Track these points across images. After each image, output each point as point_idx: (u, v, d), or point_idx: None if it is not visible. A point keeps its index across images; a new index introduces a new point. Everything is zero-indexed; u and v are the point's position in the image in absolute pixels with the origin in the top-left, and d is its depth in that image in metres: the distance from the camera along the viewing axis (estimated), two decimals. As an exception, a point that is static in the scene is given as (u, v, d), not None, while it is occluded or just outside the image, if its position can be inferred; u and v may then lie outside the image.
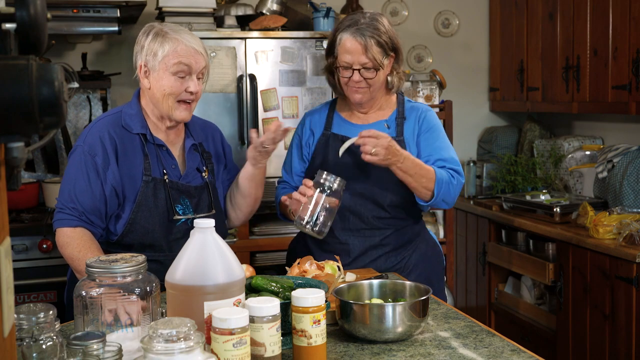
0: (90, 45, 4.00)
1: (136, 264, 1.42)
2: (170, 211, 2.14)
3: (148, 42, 2.11)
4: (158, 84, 2.10)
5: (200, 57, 2.11)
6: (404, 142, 2.32)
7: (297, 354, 1.49)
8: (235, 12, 3.69)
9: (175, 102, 2.11)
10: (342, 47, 2.24)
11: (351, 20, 2.24)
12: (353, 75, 2.24)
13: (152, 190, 2.12)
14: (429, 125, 2.34)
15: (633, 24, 3.27)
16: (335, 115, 2.42)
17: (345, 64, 2.24)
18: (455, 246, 4.37)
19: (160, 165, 2.14)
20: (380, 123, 2.36)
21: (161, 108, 2.13)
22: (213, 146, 2.33)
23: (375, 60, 2.22)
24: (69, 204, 2.07)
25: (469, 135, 4.63)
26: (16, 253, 3.20)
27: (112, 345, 1.27)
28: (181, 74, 2.09)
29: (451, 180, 2.24)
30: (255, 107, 3.58)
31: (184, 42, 2.09)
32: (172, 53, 2.07)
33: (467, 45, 4.64)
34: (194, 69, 2.10)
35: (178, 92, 2.10)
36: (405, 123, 2.35)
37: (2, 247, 0.92)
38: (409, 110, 2.38)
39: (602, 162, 3.54)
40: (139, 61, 2.13)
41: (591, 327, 3.18)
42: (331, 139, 2.37)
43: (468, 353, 1.54)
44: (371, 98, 2.32)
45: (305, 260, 2.04)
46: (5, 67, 0.88)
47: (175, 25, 2.18)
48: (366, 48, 2.20)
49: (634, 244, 2.95)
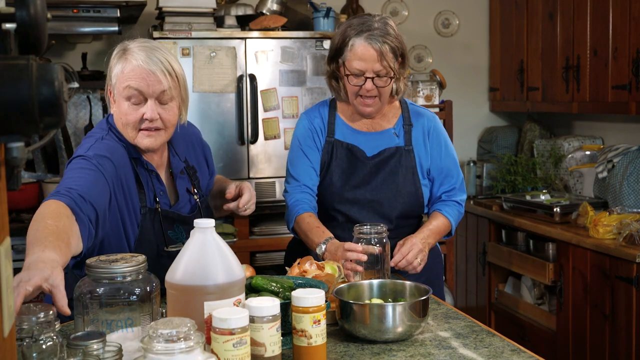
0: (90, 45, 4.00)
1: (136, 264, 1.42)
2: (161, 242, 1.95)
3: (111, 60, 1.91)
4: (117, 110, 1.90)
5: (153, 78, 1.84)
6: (413, 151, 2.27)
7: (297, 354, 1.49)
8: (235, 12, 3.69)
9: (135, 131, 1.89)
10: (354, 53, 2.12)
11: (363, 25, 2.12)
12: (365, 84, 2.14)
13: (150, 222, 1.94)
14: (438, 138, 2.30)
15: (633, 24, 3.27)
16: (337, 120, 2.31)
17: (357, 71, 2.13)
18: (455, 246, 4.37)
19: (152, 193, 1.96)
20: (388, 132, 2.28)
21: (127, 137, 1.92)
22: (194, 154, 2.16)
23: (390, 68, 2.13)
24: (64, 188, 1.72)
25: (469, 135, 4.63)
26: (16, 253, 3.20)
27: (112, 345, 1.27)
28: (134, 100, 1.87)
29: (459, 214, 2.33)
30: (255, 107, 3.58)
31: (133, 62, 1.84)
32: (120, 75, 1.86)
33: (467, 45, 4.64)
34: (146, 93, 1.85)
35: (133, 120, 1.87)
36: (413, 130, 2.28)
37: (2, 247, 0.92)
38: (414, 116, 2.31)
39: (602, 162, 3.54)
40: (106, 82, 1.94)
41: (591, 327, 3.18)
42: (335, 146, 2.27)
43: (468, 353, 1.54)
44: (380, 107, 2.24)
45: (305, 260, 2.03)
46: (5, 67, 0.88)
47: (145, 43, 1.91)
48: (382, 55, 2.10)
49: (634, 244, 2.95)
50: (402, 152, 2.26)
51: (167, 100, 1.88)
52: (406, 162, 2.25)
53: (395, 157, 2.25)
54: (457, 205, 2.32)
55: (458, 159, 2.39)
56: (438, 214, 2.27)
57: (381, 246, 1.96)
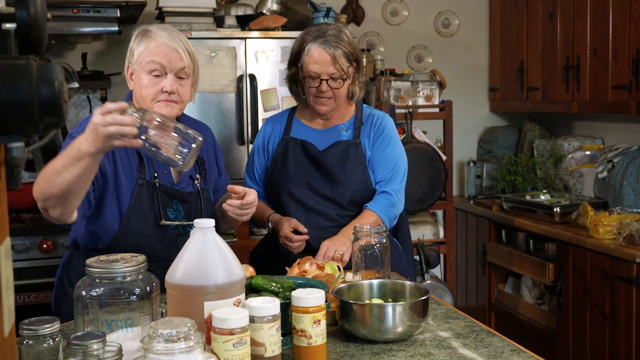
0: (90, 45, 4.00)
1: (136, 264, 1.42)
2: (158, 217, 2.06)
3: (131, 42, 2.08)
4: (137, 84, 2.06)
5: (176, 55, 2.03)
6: (360, 144, 2.41)
7: (297, 354, 1.49)
8: (235, 12, 3.69)
9: (154, 102, 2.04)
10: (310, 57, 2.30)
11: (318, 32, 2.32)
12: (320, 85, 2.31)
13: (145, 194, 2.05)
14: (383, 132, 2.44)
15: (633, 24, 3.27)
16: (295, 121, 2.49)
17: (313, 74, 2.31)
18: (455, 246, 4.37)
19: (152, 169, 2.08)
20: (337, 127, 2.44)
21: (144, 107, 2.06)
22: (205, 149, 2.26)
23: (343, 71, 2.30)
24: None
25: (469, 135, 4.63)
26: (16, 253, 3.20)
27: (112, 345, 1.27)
28: (155, 73, 2.03)
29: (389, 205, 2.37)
30: (255, 107, 3.58)
31: (158, 40, 2.03)
32: (145, 51, 2.03)
33: (467, 45, 4.64)
34: (168, 67, 2.02)
35: (153, 91, 2.03)
36: (363, 127, 2.44)
37: (2, 247, 0.92)
38: (366, 116, 2.47)
39: (602, 162, 3.54)
40: (126, 62, 2.10)
41: (591, 327, 3.18)
42: (290, 143, 2.44)
43: (468, 353, 1.54)
44: (336, 108, 2.40)
45: (305, 260, 2.04)
46: (5, 67, 0.88)
47: (165, 25, 2.12)
48: (335, 59, 2.28)
49: (634, 244, 2.95)
50: (350, 144, 2.40)
51: (184, 77, 2.06)
52: (354, 153, 2.39)
53: (344, 149, 2.39)
54: (386, 196, 2.39)
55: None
56: (367, 210, 2.37)
57: (381, 246, 1.96)
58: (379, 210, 2.36)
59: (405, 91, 3.84)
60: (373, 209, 2.36)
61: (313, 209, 2.38)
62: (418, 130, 3.84)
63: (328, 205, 2.38)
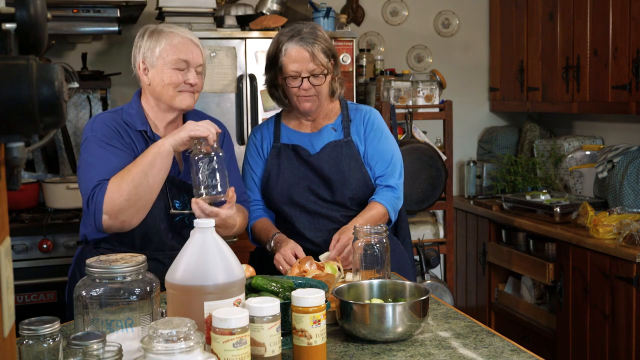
0: (90, 45, 4.00)
1: (136, 264, 1.42)
2: (168, 206, 2.14)
3: (145, 41, 2.15)
4: (157, 77, 2.13)
5: (196, 49, 2.15)
6: (352, 142, 2.41)
7: (297, 354, 1.49)
8: (235, 12, 3.69)
9: (176, 91, 2.14)
10: (288, 57, 2.29)
11: (293, 31, 2.31)
12: (302, 84, 2.30)
13: None
14: (373, 126, 2.44)
15: (633, 24, 3.27)
16: (282, 127, 2.47)
17: (293, 73, 2.29)
18: (455, 246, 4.37)
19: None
20: (327, 127, 2.44)
21: (164, 99, 2.15)
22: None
23: (323, 66, 2.30)
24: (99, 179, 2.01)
25: (469, 135, 4.63)
26: (16, 253, 3.20)
27: (112, 345, 1.27)
28: (181, 67, 2.13)
29: (395, 198, 2.39)
30: (255, 107, 3.58)
31: (180, 35, 2.13)
32: (169, 47, 2.12)
33: (467, 45, 4.64)
34: (191, 63, 2.14)
35: (177, 82, 2.13)
36: (352, 125, 2.44)
37: (2, 247, 0.92)
38: (353, 112, 2.47)
39: (602, 162, 3.54)
40: (138, 59, 2.16)
41: (591, 327, 3.18)
42: (282, 150, 2.42)
43: (468, 353, 1.54)
44: (320, 105, 2.39)
45: (305, 260, 2.04)
46: (5, 67, 0.88)
47: (170, 24, 2.22)
48: (313, 55, 2.28)
49: (634, 244, 2.95)
50: (342, 144, 2.40)
51: (201, 71, 2.18)
52: (347, 152, 2.39)
53: (336, 149, 2.39)
54: (390, 189, 2.40)
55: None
56: (373, 202, 2.37)
57: (381, 246, 1.96)
58: (385, 202, 2.36)
59: (405, 91, 3.84)
60: (379, 200, 2.36)
61: (317, 213, 2.37)
62: (418, 130, 3.84)
63: (331, 208, 2.37)
